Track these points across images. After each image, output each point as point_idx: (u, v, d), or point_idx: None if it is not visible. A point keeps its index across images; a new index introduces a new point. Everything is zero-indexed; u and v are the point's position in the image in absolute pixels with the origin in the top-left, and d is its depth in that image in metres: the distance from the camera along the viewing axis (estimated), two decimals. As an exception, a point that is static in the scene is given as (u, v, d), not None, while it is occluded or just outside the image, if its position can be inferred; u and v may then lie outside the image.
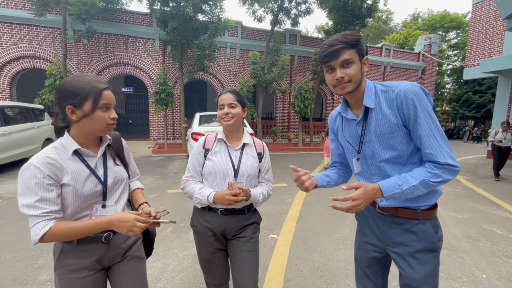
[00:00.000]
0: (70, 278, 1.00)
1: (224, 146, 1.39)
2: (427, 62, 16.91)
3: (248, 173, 1.36)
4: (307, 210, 3.89)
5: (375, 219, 1.15)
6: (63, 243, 1.02)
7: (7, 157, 5.70)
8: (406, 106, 0.94)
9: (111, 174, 1.08)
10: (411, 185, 0.93)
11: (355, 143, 1.11)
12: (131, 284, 1.12)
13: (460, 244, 2.95)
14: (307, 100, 11.29)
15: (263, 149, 1.46)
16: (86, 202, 1.01)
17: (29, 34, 9.85)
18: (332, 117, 1.25)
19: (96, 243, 1.03)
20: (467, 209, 4.21)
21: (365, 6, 11.18)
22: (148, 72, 11.55)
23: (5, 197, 4.14)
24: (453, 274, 2.34)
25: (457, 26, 25.60)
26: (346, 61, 0.96)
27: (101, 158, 1.08)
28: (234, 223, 1.36)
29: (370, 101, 1.02)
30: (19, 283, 2.06)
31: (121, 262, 1.12)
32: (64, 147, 0.98)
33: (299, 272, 2.31)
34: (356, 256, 1.27)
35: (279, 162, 8.06)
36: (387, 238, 1.11)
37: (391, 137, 1.00)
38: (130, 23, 11.12)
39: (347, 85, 0.99)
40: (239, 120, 1.36)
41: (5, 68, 9.80)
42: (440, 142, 0.93)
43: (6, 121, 5.85)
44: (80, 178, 0.98)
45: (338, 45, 0.95)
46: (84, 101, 0.95)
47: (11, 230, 3.00)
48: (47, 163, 0.92)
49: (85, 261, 1.02)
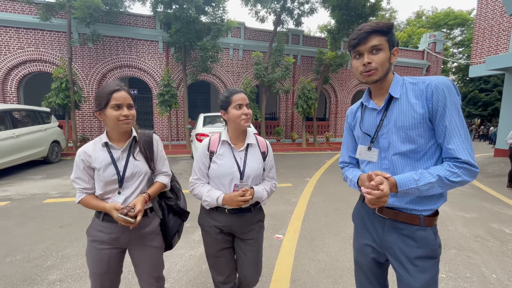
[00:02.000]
0: (92, 246, 1.26)
1: (229, 148, 1.39)
2: (431, 60, 16.73)
3: (253, 174, 1.37)
4: (312, 210, 3.87)
5: (373, 221, 1.11)
6: (95, 217, 1.29)
7: (16, 159, 5.79)
8: (436, 97, 0.92)
9: (130, 166, 1.26)
10: (428, 181, 0.90)
11: (371, 133, 1.07)
12: (145, 267, 1.34)
13: (468, 243, 2.91)
14: (310, 100, 11.25)
15: (266, 147, 1.47)
16: (107, 186, 1.24)
17: (35, 38, 10.01)
18: (352, 110, 1.21)
19: (115, 223, 1.24)
20: (475, 208, 4.15)
21: (368, 5, 11.11)
22: (152, 74, 11.64)
23: (14, 199, 4.20)
24: (462, 274, 2.31)
25: (462, 23, 25.32)
26: (375, 47, 0.94)
27: (125, 152, 1.27)
28: (242, 222, 1.40)
29: (396, 91, 0.99)
30: (30, 283, 2.09)
31: (138, 248, 1.32)
32: (100, 140, 1.26)
33: (306, 272, 2.31)
34: (356, 259, 1.22)
35: (283, 162, 8.05)
36: (385, 243, 1.07)
37: (413, 129, 0.95)
38: (134, 25, 11.22)
39: (373, 72, 0.96)
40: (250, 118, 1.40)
41: (12, 72, 9.97)
42: (464, 139, 0.90)
43: (14, 124, 5.95)
44: (102, 164, 1.22)
45: (368, 30, 0.94)
46: (105, 104, 1.18)
47: (20, 231, 3.05)
48: (84, 152, 1.23)
49: (105, 236, 1.25)
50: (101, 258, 1.25)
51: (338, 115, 15.34)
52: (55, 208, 3.80)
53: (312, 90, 11.37)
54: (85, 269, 2.29)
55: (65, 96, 8.55)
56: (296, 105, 11.63)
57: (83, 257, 2.49)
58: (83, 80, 10.70)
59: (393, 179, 0.92)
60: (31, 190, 4.71)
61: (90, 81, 10.83)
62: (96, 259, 1.25)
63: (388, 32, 0.94)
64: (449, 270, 2.38)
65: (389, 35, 0.95)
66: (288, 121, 14.51)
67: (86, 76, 10.77)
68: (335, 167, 7.19)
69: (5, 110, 5.82)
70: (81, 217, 3.47)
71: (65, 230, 3.09)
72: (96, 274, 1.27)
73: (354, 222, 1.24)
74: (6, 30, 9.68)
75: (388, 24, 0.94)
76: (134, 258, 1.34)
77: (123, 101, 1.18)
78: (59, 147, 7.61)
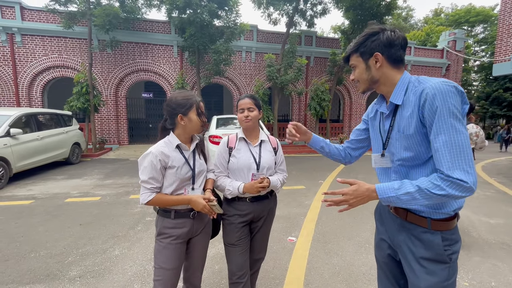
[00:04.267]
0: (168, 243, 1.36)
1: (245, 144, 1.63)
2: (451, 59, 16.08)
3: (267, 165, 1.61)
4: (326, 213, 3.81)
5: (388, 218, 1.12)
6: (164, 217, 1.38)
7: (40, 160, 6.10)
8: (429, 106, 0.86)
9: (197, 165, 1.43)
10: (407, 191, 0.87)
11: (383, 138, 1.08)
12: (200, 253, 1.52)
13: (493, 251, 2.75)
14: (324, 101, 11.11)
15: (277, 144, 1.73)
16: (182, 183, 1.37)
17: (58, 46, 10.55)
18: (374, 107, 1.19)
19: (187, 218, 1.39)
20: (500, 213, 3.92)
21: (383, 4, 10.88)
22: (167, 78, 11.94)
23: (38, 198, 4.43)
24: (487, 283, 2.19)
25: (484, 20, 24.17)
26: (351, 66, 1.07)
27: (192, 153, 1.44)
28: (261, 207, 1.63)
29: (398, 97, 0.96)
30: (52, 278, 2.19)
31: (200, 236, 1.49)
32: (170, 142, 1.36)
33: (319, 276, 2.27)
34: (375, 254, 1.24)
35: (296, 164, 7.98)
36: (396, 241, 1.07)
37: (411, 137, 0.93)
38: (150, 31, 11.58)
39: (358, 85, 1.08)
40: (256, 120, 1.61)
41: (37, 77, 10.56)
42: (453, 151, 0.82)
43: (38, 127, 6.28)
44: (179, 164, 1.35)
45: (346, 54, 1.07)
46: (189, 110, 1.34)
47: (44, 228, 3.20)
48: (161, 152, 1.31)
49: (179, 231, 1.38)
50: (179, 253, 1.38)
51: (352, 117, 15.04)
52: (76, 207, 3.97)
53: (325, 92, 11.23)
54: (103, 266, 2.37)
55: (85, 100, 8.93)
56: (309, 106, 11.52)
57: (102, 254, 2.58)
58: (102, 85, 11.15)
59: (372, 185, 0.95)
60: (54, 189, 4.94)
61: (109, 85, 11.27)
62: (173, 255, 1.36)
63: (358, 49, 1.00)
64: (472, 278, 2.26)
65: (360, 50, 0.99)
66: (301, 123, 14.35)
67: (104, 81, 11.21)
68: (349, 169, 7.03)
69: (31, 114, 6.16)
70: (100, 216, 3.60)
71: (85, 228, 3.21)
72: (173, 270, 1.36)
73: (375, 218, 1.25)
74: (32, 38, 10.28)
75: (358, 41, 1.00)
76: (193, 246, 1.48)
77: (203, 109, 1.42)
78: (80, 149, 7.95)
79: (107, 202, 4.20)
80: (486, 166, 8.49)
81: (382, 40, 0.95)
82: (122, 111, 11.69)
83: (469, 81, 25.28)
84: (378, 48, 0.96)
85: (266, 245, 1.78)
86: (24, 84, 10.34)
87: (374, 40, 0.96)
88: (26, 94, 10.39)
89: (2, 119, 5.37)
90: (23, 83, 10.34)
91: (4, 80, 10.17)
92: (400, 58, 0.97)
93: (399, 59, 0.97)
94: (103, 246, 2.76)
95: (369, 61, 0.98)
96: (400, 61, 0.97)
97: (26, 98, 10.41)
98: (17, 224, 3.32)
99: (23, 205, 4.04)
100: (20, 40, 10.12)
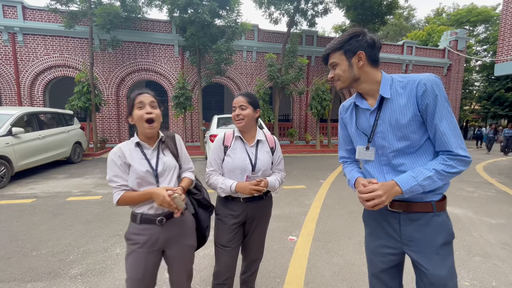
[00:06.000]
0: (132, 250, 1.28)
1: (241, 143, 1.55)
2: (453, 59, 16.03)
3: (263, 168, 1.52)
4: (326, 213, 3.81)
5: (387, 219, 1.11)
6: (131, 221, 1.32)
7: (42, 159, 6.13)
8: (428, 96, 0.97)
9: (160, 162, 1.34)
10: (426, 176, 0.95)
11: (367, 133, 1.13)
12: (180, 265, 1.39)
13: (495, 251, 2.74)
14: (324, 101, 11.10)
15: (275, 143, 1.64)
16: (144, 183, 1.28)
17: (60, 45, 10.58)
18: (344, 107, 1.25)
19: (152, 225, 1.28)
20: (502, 213, 3.91)
21: (385, 3, 10.85)
22: (168, 77, 11.95)
23: (40, 196, 4.44)
24: (487, 283, 2.18)
25: (485, 19, 24.04)
26: (332, 64, 1.09)
27: (155, 151, 1.35)
28: (255, 208, 1.56)
29: (386, 91, 1.04)
30: (54, 276, 2.20)
31: (175, 247, 1.35)
32: (132, 141, 1.34)
33: (320, 275, 2.27)
34: (370, 262, 1.20)
35: (296, 164, 7.98)
36: (404, 237, 1.07)
37: (406, 127, 1.01)
38: (151, 30, 11.59)
39: (337, 83, 1.12)
40: (250, 120, 1.50)
41: (39, 77, 10.59)
42: (455, 133, 0.97)
43: (40, 126, 6.30)
44: (137, 161, 1.29)
45: (326, 52, 1.10)
46: (131, 108, 1.29)
47: (45, 226, 3.21)
48: (119, 148, 1.29)
49: (143, 238, 1.27)
50: (145, 263, 1.27)
51: (353, 117, 15.00)
52: (77, 206, 3.98)
53: (326, 91, 11.21)
54: (104, 264, 2.38)
55: (86, 99, 8.95)
56: (310, 106, 11.51)
57: (103, 253, 2.59)
58: (103, 84, 11.17)
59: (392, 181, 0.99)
60: (55, 188, 4.96)
61: (110, 84, 11.29)
62: (135, 263, 1.26)
63: (343, 46, 1.04)
64: (473, 278, 2.25)
65: (345, 48, 1.04)
66: (301, 123, 14.39)
67: (106, 80, 11.23)
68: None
69: (33, 113, 6.18)
70: (101, 214, 3.61)
71: (86, 227, 3.22)
72: (134, 280, 1.26)
73: (367, 223, 1.23)
74: (34, 37, 10.31)
75: (341, 40, 1.05)
76: (170, 258, 1.36)
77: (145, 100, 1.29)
78: (81, 148, 7.97)
79: (108, 201, 4.21)
80: (488, 166, 8.46)
81: (366, 41, 1.03)
82: (123, 111, 11.71)
83: (471, 81, 25.17)
84: (361, 47, 1.03)
85: (262, 246, 1.72)
86: (26, 83, 10.37)
87: (358, 40, 1.03)
88: (27, 93, 10.42)
89: (4, 118, 5.39)
90: (25, 82, 10.37)
91: (6, 79, 10.20)
92: (378, 59, 1.07)
93: (376, 60, 1.07)
94: (104, 244, 2.77)
95: (352, 59, 1.04)
96: (377, 61, 1.07)
97: (28, 97, 10.44)
98: (18, 222, 3.34)
99: (25, 204, 4.06)
100: (22, 40, 10.15)
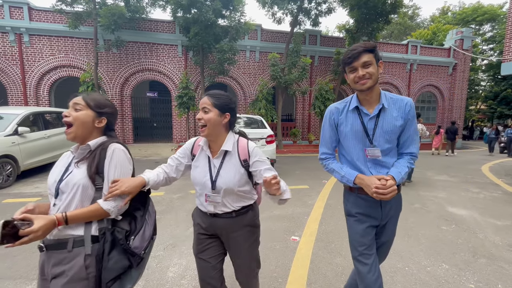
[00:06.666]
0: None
1: (205, 155, 1.31)
2: (458, 58, 15.83)
3: (225, 186, 1.23)
4: (329, 213, 3.79)
5: (372, 206, 1.36)
6: None
7: (47, 158, 6.20)
8: (411, 113, 1.31)
9: (69, 176, 1.04)
10: (405, 171, 1.29)
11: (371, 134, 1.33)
12: None
13: (500, 253, 2.71)
14: (328, 101, 11.05)
15: (248, 155, 1.28)
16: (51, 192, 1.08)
17: (65, 45, 10.68)
18: (338, 109, 1.39)
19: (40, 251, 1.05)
20: (508, 215, 3.86)
21: (389, 2, 10.75)
22: (171, 77, 12.00)
23: (45, 195, 4.50)
24: (493, 285, 2.15)
25: (492, 18, 23.70)
26: (366, 63, 1.21)
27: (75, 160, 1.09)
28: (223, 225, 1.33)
29: (385, 102, 1.30)
30: (58, 274, 2.22)
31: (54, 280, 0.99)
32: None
33: (322, 275, 2.26)
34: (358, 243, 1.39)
35: (300, 164, 7.96)
36: (384, 216, 1.38)
37: (393, 133, 1.30)
38: (155, 30, 11.64)
39: (367, 81, 1.22)
40: (214, 126, 1.23)
41: (45, 77, 10.71)
42: (417, 140, 1.36)
43: (45, 125, 6.37)
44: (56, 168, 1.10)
45: (360, 49, 1.20)
46: None
47: (50, 225, 3.24)
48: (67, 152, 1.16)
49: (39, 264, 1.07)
50: None
51: (356, 116, 14.90)
52: (81, 205, 4.02)
53: (329, 91, 11.16)
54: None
55: (91, 99, 9.02)
56: (313, 106, 11.47)
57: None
58: (107, 84, 11.26)
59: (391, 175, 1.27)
60: (60, 187, 5.01)
61: (114, 84, 11.37)
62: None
63: (374, 50, 1.22)
64: (478, 280, 2.22)
65: (375, 52, 1.23)
66: (305, 123, 14.34)
67: (110, 80, 11.31)
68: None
69: (38, 113, 6.25)
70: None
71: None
72: None
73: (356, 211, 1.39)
74: (39, 38, 10.43)
75: (373, 44, 1.23)
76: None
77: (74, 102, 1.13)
78: (85, 147, 8.03)
79: (112, 200, 4.23)
80: (494, 167, 8.35)
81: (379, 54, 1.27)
82: (127, 110, 11.79)
83: (477, 81, 24.84)
84: (380, 58, 1.26)
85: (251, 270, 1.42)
86: (32, 83, 10.50)
87: (378, 50, 1.25)
88: (33, 93, 10.54)
89: (10, 117, 5.47)
90: (31, 83, 10.50)
91: (12, 80, 10.34)
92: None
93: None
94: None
95: (377, 64, 1.25)
96: None
97: (34, 97, 10.57)
98: (24, 221, 3.38)
99: (30, 202, 4.11)
100: (28, 40, 10.27)
